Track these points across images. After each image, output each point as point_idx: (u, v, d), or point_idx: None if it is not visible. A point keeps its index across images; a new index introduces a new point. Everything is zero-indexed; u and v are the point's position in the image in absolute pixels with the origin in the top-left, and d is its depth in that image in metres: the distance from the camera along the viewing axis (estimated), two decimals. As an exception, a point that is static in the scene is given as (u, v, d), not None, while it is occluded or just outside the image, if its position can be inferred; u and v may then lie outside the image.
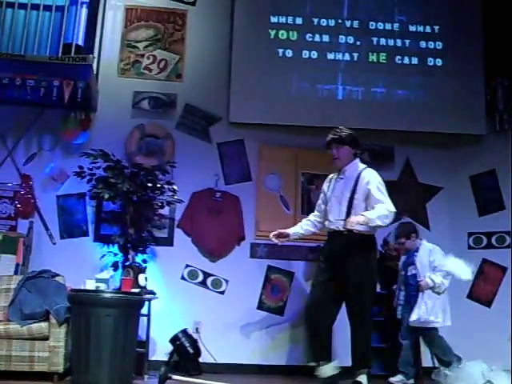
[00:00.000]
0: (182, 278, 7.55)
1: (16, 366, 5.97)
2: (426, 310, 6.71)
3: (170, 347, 7.13)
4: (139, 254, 7.08)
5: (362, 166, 6.03)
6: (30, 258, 7.23)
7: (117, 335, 5.85)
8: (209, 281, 7.60)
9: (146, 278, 6.81)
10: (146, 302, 6.59)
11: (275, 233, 6.20)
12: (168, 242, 7.54)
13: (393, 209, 5.73)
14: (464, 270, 6.82)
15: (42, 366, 6.01)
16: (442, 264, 6.84)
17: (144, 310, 6.54)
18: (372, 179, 5.85)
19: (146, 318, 6.74)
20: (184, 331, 7.19)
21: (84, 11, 7.46)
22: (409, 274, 6.97)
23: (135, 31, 8.06)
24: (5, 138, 7.59)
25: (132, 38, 8.04)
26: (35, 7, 7.30)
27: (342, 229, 5.80)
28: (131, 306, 6.10)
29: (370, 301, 5.93)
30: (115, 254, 7.12)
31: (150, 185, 7.15)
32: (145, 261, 7.11)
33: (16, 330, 6.08)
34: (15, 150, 7.59)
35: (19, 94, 7.03)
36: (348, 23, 8.17)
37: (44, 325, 6.13)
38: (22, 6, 7.33)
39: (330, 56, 8.09)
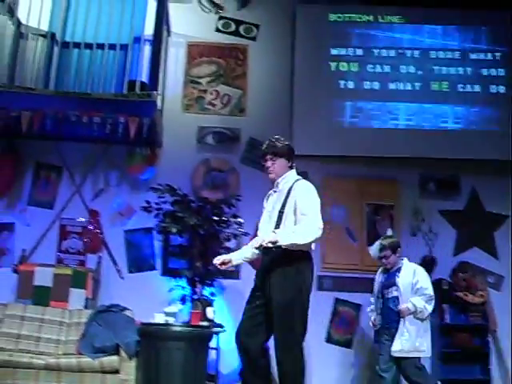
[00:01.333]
0: (249, 311, 7.54)
1: (88, 399, 6.04)
2: (410, 338, 6.13)
3: (239, 380, 7.12)
4: (207, 288, 7.13)
5: (295, 177, 5.41)
6: (99, 292, 7.37)
7: (187, 368, 5.88)
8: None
9: (214, 311, 6.85)
10: (215, 335, 6.61)
11: (218, 261, 5.36)
12: (235, 275, 7.54)
13: (318, 224, 5.00)
14: None
15: (113, 400, 6.06)
16: (425, 287, 6.28)
17: (212, 343, 6.58)
18: (302, 191, 5.23)
19: (215, 351, 6.76)
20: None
21: (147, 49, 7.56)
22: (389, 296, 6.37)
23: (198, 67, 8.20)
24: (73, 174, 7.76)
25: (195, 73, 8.18)
26: (100, 46, 7.42)
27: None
28: (200, 339, 6.14)
29: (298, 325, 5.04)
30: (183, 288, 7.17)
31: (216, 218, 7.22)
32: (212, 294, 7.17)
33: (88, 364, 6.17)
34: (83, 186, 7.75)
35: (86, 131, 7.18)
36: (409, 53, 8.18)
37: (115, 358, 6.21)
38: (88, 46, 7.46)
39: (392, 86, 8.11)
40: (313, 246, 5.19)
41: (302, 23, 8.22)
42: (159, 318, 6.46)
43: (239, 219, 7.36)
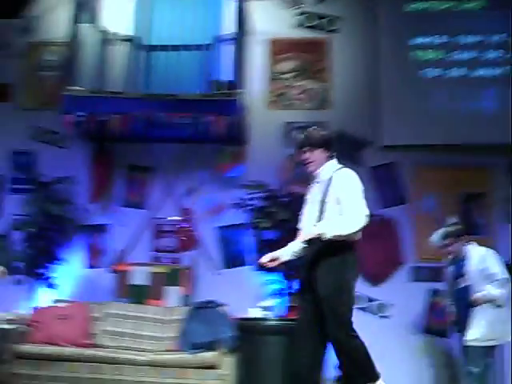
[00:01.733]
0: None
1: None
2: (485, 326, 5.89)
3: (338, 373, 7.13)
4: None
5: (336, 166, 5.26)
6: (194, 289, 7.50)
7: (285, 362, 5.95)
8: (373, 305, 7.60)
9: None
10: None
11: (267, 259, 5.33)
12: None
13: (363, 212, 4.90)
14: None
15: (213, 394, 6.20)
16: (495, 272, 5.97)
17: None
18: (344, 181, 5.09)
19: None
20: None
21: (231, 47, 7.67)
22: (460, 286, 6.16)
23: (281, 63, 8.24)
24: (165, 174, 7.92)
25: (278, 69, 8.23)
26: (185, 48, 7.55)
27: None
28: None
29: (344, 319, 4.94)
30: (278, 282, 7.23)
31: (305, 212, 7.25)
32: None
33: (187, 360, 6.31)
34: (175, 186, 7.90)
35: (175, 132, 7.33)
36: (495, 38, 8.04)
37: (213, 354, 6.32)
38: (173, 48, 7.60)
39: (480, 72, 7.97)
40: (358, 236, 5.06)
41: (384, 13, 8.17)
42: (253, 313, 6.57)
43: (329, 212, 7.35)
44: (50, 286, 7.52)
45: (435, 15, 8.14)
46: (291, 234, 7.06)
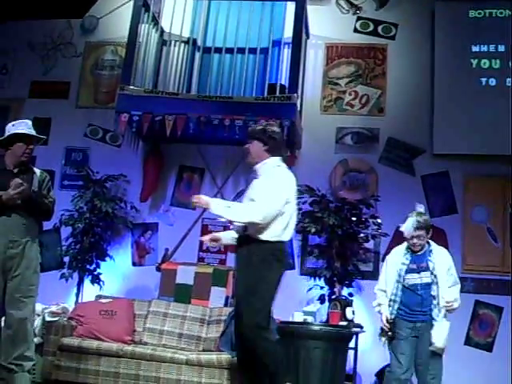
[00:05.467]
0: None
1: (229, 396, 6.17)
2: (447, 332, 5.33)
3: (376, 381, 7.06)
4: (345, 288, 7.13)
5: (275, 165, 5.24)
6: (238, 290, 7.48)
7: (325, 367, 5.93)
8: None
9: (353, 312, 6.83)
10: (354, 336, 6.60)
11: (207, 237, 5.43)
12: (373, 275, 7.38)
13: (261, 209, 4.89)
14: None
15: (254, 396, 6.16)
16: (455, 275, 5.55)
17: (351, 344, 6.57)
18: (266, 175, 5.14)
19: (353, 352, 6.74)
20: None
21: (286, 52, 7.67)
22: (416, 282, 5.43)
23: (336, 68, 8.21)
24: (215, 175, 7.95)
25: (333, 75, 8.20)
26: (240, 51, 7.57)
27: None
28: (340, 339, 6.17)
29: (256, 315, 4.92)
30: (321, 288, 7.20)
31: (354, 219, 7.20)
32: (351, 294, 7.16)
33: (227, 360, 6.27)
34: (224, 187, 7.94)
35: (228, 134, 7.29)
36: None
37: (254, 356, 6.29)
38: (229, 51, 7.63)
39: (537, 82, 7.78)
40: (287, 237, 5.17)
41: (442, 20, 8.06)
42: (298, 317, 6.53)
43: (378, 220, 7.28)
44: (96, 281, 7.61)
45: (493, 23, 7.99)
46: (339, 239, 7.14)
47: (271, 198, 4.99)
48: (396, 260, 5.65)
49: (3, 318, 5.23)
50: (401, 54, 8.16)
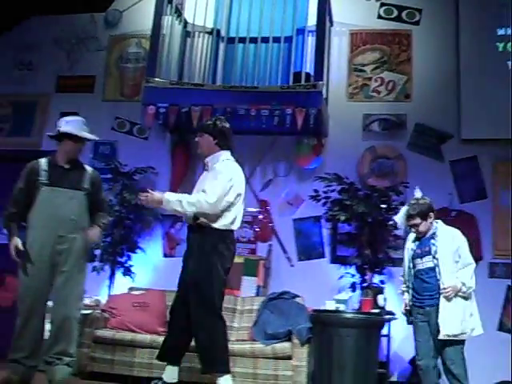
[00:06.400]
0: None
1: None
2: (459, 317, 5.27)
3: (410, 368, 7.05)
4: (376, 275, 7.13)
5: (225, 158, 5.67)
6: (269, 279, 7.53)
7: (358, 355, 5.92)
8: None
9: (384, 299, 6.84)
10: (386, 323, 6.60)
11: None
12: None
13: (208, 199, 5.26)
14: None
15: (286, 385, 6.19)
16: (467, 256, 5.42)
17: (384, 331, 6.57)
18: (217, 168, 5.52)
19: (386, 339, 6.75)
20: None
21: (311, 39, 7.63)
22: (422, 267, 5.48)
23: (361, 55, 8.17)
24: (242, 165, 7.86)
25: (358, 61, 8.16)
26: (264, 40, 7.55)
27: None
28: (372, 326, 6.16)
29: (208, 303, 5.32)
30: (352, 275, 7.21)
31: (383, 206, 7.19)
32: (382, 281, 7.15)
33: (260, 350, 6.32)
34: (252, 177, 7.91)
35: (255, 124, 7.27)
36: None
37: (287, 345, 6.32)
38: (253, 40, 7.61)
39: None
40: (235, 226, 5.53)
41: (466, 4, 7.97)
42: (330, 305, 6.55)
43: (407, 207, 7.26)
44: (128, 273, 7.66)
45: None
46: (369, 227, 7.13)
47: (222, 189, 5.33)
48: (408, 246, 5.78)
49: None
50: (425, 40, 8.09)
